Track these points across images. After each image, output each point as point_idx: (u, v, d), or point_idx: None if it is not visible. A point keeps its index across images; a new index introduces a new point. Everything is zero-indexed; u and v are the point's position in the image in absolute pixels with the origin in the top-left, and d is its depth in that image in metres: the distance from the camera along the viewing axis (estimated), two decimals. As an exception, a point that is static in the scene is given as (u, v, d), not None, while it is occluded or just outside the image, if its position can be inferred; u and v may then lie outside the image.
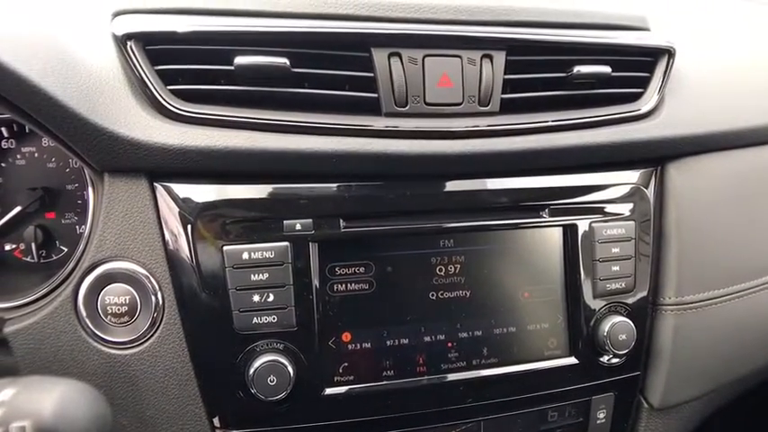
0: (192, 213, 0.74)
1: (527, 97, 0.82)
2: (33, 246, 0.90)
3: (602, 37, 0.86)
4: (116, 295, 0.74)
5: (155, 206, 0.75)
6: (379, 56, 0.76)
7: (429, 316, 0.82)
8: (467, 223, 0.83)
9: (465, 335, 0.83)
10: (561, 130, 0.83)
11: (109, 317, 0.74)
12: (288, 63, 0.73)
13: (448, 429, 0.86)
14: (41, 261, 0.92)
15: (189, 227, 0.74)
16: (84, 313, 0.74)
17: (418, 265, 0.82)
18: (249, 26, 0.73)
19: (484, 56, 0.79)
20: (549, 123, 0.83)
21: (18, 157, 0.91)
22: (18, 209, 0.89)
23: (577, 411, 0.91)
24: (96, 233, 0.74)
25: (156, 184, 0.75)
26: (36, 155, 0.91)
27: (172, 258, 0.75)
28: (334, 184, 0.78)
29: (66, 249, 0.92)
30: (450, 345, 0.83)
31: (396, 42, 0.76)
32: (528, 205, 0.86)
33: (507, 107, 0.81)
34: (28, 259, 0.92)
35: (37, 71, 0.66)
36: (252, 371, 0.74)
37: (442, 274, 0.82)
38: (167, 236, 0.75)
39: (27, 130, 0.91)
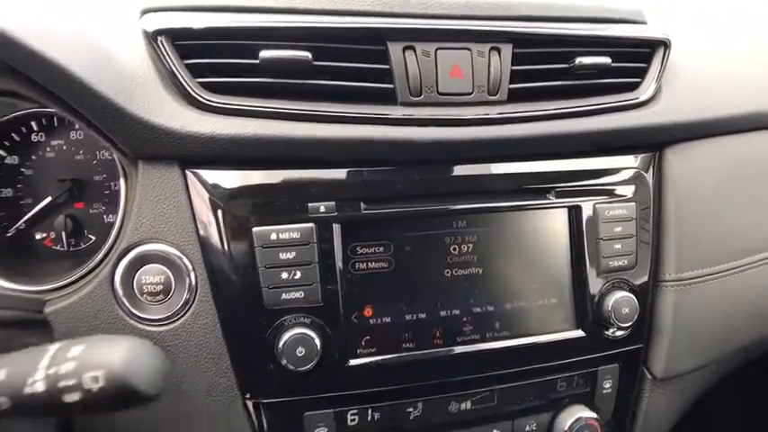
0: (222, 198, 0.78)
1: (533, 87, 0.86)
2: (63, 234, 0.92)
3: (601, 30, 0.90)
4: (151, 275, 0.77)
5: (186, 191, 0.78)
6: (395, 49, 0.80)
7: (444, 292, 0.86)
8: (478, 205, 0.86)
9: (478, 309, 0.87)
10: (565, 117, 0.87)
11: (145, 295, 0.77)
12: (310, 56, 0.76)
13: (463, 398, 0.89)
14: (70, 249, 0.94)
15: (219, 210, 0.78)
16: (120, 292, 0.77)
17: (433, 244, 0.85)
18: (273, 22, 0.77)
19: (492, 48, 0.83)
20: (554, 111, 0.87)
21: (47, 149, 0.93)
22: (48, 199, 0.91)
23: (585, 381, 0.95)
24: (132, 217, 0.78)
25: (187, 170, 0.78)
26: (65, 147, 0.93)
27: (204, 240, 0.78)
28: (355, 170, 0.82)
29: (94, 238, 0.94)
30: (464, 319, 0.86)
31: (410, 36, 0.80)
32: (535, 188, 0.89)
33: (515, 96, 0.85)
34: (58, 248, 0.94)
35: (78, 64, 0.70)
36: (281, 343, 0.78)
37: (456, 252, 0.86)
38: (199, 219, 0.78)
39: (56, 123, 0.93)
